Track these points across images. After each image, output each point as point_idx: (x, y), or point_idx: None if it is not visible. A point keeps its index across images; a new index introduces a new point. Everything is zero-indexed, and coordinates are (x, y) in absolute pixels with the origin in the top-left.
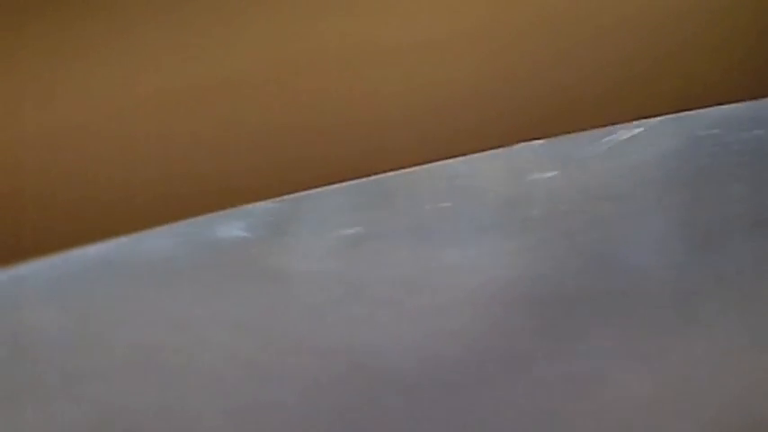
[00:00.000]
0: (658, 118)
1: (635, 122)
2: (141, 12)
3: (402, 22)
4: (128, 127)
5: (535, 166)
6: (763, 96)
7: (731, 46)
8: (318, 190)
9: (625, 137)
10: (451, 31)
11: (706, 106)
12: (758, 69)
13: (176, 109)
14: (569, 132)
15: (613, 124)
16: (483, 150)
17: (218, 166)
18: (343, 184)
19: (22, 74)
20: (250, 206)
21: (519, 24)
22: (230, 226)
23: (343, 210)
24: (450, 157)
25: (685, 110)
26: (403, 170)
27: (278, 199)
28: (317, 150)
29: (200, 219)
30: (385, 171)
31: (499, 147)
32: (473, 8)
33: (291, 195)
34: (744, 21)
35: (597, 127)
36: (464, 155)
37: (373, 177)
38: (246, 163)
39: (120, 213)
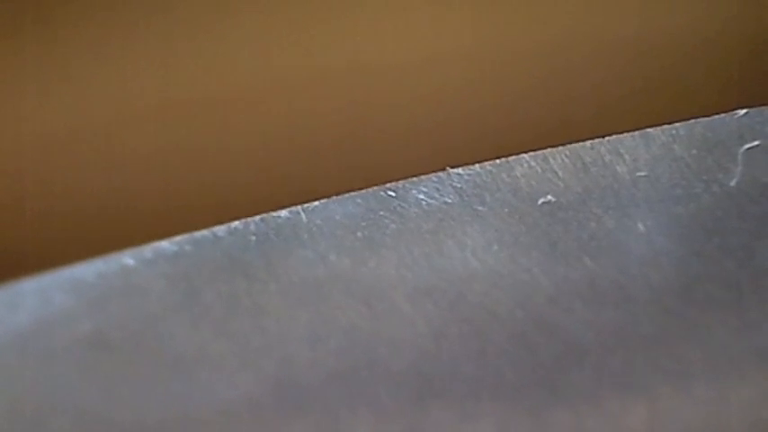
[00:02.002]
0: None
1: None
2: (142, 19)
3: (400, 39)
4: (125, 135)
5: (737, 135)
6: None
7: (729, 66)
8: (511, 158)
9: None
10: (450, 50)
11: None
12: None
13: (176, 117)
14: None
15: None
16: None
17: (218, 175)
18: (536, 152)
19: (20, 81)
20: (441, 174)
21: (517, 43)
22: (418, 193)
23: (537, 178)
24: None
25: None
26: (600, 138)
27: (476, 166)
28: (313, 164)
29: (390, 185)
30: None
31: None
32: (472, 27)
33: (489, 162)
34: (740, 41)
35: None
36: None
37: (568, 146)
38: (243, 174)
39: (118, 220)
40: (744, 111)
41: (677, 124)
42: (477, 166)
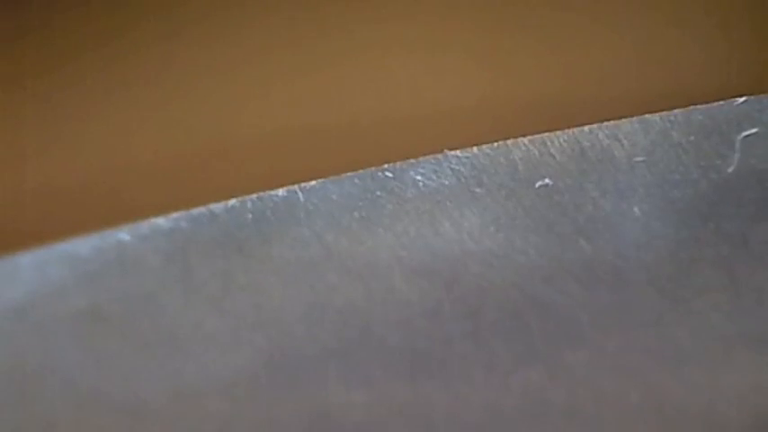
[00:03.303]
0: None
1: None
2: (142, 73)
3: (403, 94)
4: (125, 187)
5: (735, 123)
6: None
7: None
8: (509, 141)
9: None
10: (453, 105)
11: None
12: None
13: (174, 171)
14: None
15: None
16: None
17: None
18: (534, 136)
19: (22, 133)
20: (438, 155)
21: (519, 99)
22: (415, 174)
23: (534, 161)
24: None
25: None
26: (599, 123)
27: (474, 148)
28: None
29: (388, 166)
30: None
31: None
32: (475, 81)
33: (487, 145)
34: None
35: None
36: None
37: (566, 130)
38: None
39: None
40: (742, 98)
41: (676, 110)
42: (474, 148)
